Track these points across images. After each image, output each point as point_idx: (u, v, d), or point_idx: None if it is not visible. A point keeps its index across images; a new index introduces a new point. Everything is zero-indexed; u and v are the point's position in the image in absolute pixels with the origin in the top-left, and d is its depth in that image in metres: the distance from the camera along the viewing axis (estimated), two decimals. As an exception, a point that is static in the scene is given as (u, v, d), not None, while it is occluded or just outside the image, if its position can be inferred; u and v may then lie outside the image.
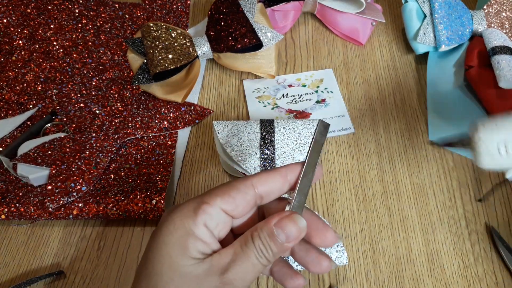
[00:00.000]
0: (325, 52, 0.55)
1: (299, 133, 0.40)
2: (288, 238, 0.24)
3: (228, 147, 0.39)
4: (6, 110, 0.47)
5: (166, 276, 0.23)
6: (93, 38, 0.54)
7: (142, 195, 0.40)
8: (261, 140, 0.39)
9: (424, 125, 0.47)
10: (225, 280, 0.23)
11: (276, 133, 0.40)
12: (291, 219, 0.25)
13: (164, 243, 0.24)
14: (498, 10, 0.51)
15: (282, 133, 0.40)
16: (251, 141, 0.39)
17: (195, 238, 0.24)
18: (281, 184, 0.26)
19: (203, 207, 0.24)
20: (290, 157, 0.39)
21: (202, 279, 0.23)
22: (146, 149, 0.45)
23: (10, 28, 0.53)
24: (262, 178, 0.26)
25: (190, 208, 0.25)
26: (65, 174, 0.40)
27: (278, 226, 0.24)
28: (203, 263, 0.24)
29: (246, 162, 0.38)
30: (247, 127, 0.40)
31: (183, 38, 0.48)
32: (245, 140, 0.39)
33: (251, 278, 0.24)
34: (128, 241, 0.39)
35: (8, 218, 0.39)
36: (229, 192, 0.25)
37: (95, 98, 0.48)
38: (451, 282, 0.37)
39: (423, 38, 0.50)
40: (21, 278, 0.37)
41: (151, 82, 0.47)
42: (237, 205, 0.25)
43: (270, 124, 0.40)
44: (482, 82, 0.47)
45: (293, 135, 0.40)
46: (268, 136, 0.39)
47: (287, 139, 0.40)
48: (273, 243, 0.24)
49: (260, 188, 0.26)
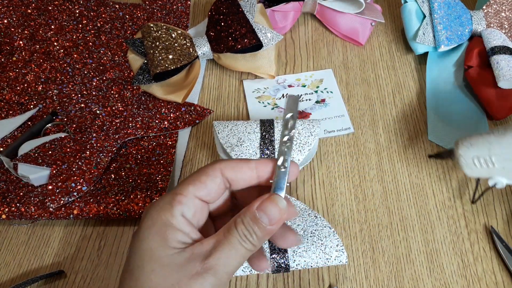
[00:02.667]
0: (324, 53, 0.55)
1: (299, 133, 0.40)
2: (271, 220, 0.25)
3: (228, 147, 0.39)
4: (7, 110, 0.47)
5: (148, 268, 0.23)
6: (94, 39, 0.54)
7: (143, 195, 0.40)
8: (261, 140, 0.39)
9: (424, 125, 0.48)
10: (206, 265, 0.23)
11: (276, 133, 0.40)
12: (272, 200, 0.25)
13: (144, 238, 0.24)
14: (497, 10, 0.51)
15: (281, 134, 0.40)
16: (251, 141, 0.39)
17: (173, 229, 0.24)
18: (249, 175, 0.27)
19: (177, 198, 0.25)
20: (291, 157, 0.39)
21: (183, 266, 0.23)
22: (146, 149, 0.45)
23: (10, 29, 0.54)
24: (229, 165, 0.26)
25: (165, 201, 0.25)
26: (65, 174, 0.40)
27: (260, 209, 0.25)
28: (184, 251, 0.24)
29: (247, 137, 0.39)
30: (247, 127, 0.40)
31: (183, 38, 0.48)
32: (245, 140, 0.39)
33: (235, 264, 0.24)
34: (128, 241, 0.39)
35: (8, 218, 0.39)
36: (199, 178, 0.26)
37: (96, 98, 0.48)
38: (451, 282, 0.37)
39: (423, 38, 0.50)
40: (22, 277, 0.38)
41: (152, 82, 0.47)
42: (209, 190, 0.26)
43: (270, 124, 0.40)
44: (482, 82, 0.47)
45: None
46: (268, 136, 0.39)
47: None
48: (256, 226, 0.25)
49: (227, 173, 0.26)
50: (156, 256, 0.24)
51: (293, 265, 0.35)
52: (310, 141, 0.40)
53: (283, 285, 0.37)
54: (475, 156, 0.36)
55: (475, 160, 0.36)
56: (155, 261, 0.24)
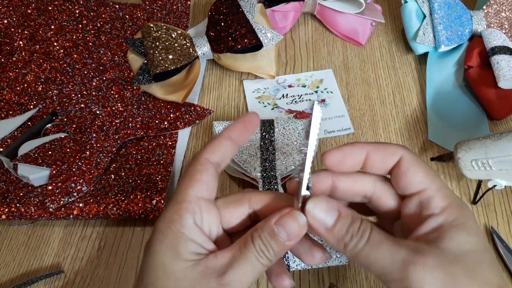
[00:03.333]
0: (324, 53, 0.55)
1: (299, 133, 0.40)
2: (290, 236, 0.24)
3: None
4: (7, 110, 0.47)
5: (161, 284, 0.23)
6: (94, 39, 0.54)
7: (143, 195, 0.40)
8: (261, 140, 0.39)
9: (424, 125, 0.47)
10: (222, 282, 0.23)
11: (276, 133, 0.39)
12: (292, 215, 0.24)
13: (156, 252, 0.23)
14: (498, 10, 0.51)
15: (282, 134, 0.39)
16: (251, 142, 0.39)
17: (185, 240, 0.23)
18: (230, 147, 0.26)
19: (183, 206, 0.24)
20: (291, 157, 0.39)
21: (197, 281, 0.23)
22: (146, 149, 0.45)
23: (10, 29, 0.54)
24: (210, 147, 0.26)
25: (172, 212, 0.24)
26: (65, 175, 0.40)
27: (279, 224, 0.24)
28: (198, 265, 0.23)
29: (246, 163, 0.38)
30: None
31: (183, 38, 0.48)
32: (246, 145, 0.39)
33: (251, 280, 0.24)
34: (128, 241, 0.39)
35: (8, 218, 0.39)
36: (194, 177, 0.25)
37: (96, 98, 0.48)
38: (451, 282, 0.37)
39: (423, 38, 0.50)
40: (22, 278, 0.37)
41: (151, 82, 0.47)
42: (207, 184, 0.25)
43: (270, 124, 0.40)
44: (482, 82, 0.47)
45: (293, 135, 0.39)
46: (268, 136, 0.39)
47: (287, 140, 0.39)
48: (274, 241, 0.24)
49: (212, 157, 0.26)
50: (169, 271, 0.23)
51: (293, 266, 0.35)
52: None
53: (283, 286, 0.37)
54: (473, 159, 0.37)
55: (473, 163, 0.37)
56: (169, 277, 0.23)
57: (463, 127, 0.47)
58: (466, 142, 0.38)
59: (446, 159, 0.41)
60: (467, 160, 0.37)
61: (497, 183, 0.37)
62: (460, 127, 0.47)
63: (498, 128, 0.48)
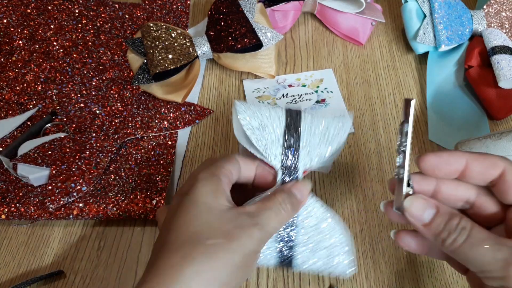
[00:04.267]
0: (325, 52, 0.55)
1: (328, 127, 0.36)
2: (302, 196, 0.30)
3: (248, 129, 0.35)
4: (6, 110, 0.47)
5: (205, 219, 0.27)
6: (93, 38, 0.54)
7: (143, 195, 0.40)
8: (286, 126, 0.35)
9: (424, 124, 0.47)
10: (254, 221, 0.27)
11: (303, 121, 0.35)
12: (303, 182, 0.31)
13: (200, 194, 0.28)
14: (498, 10, 0.51)
15: (309, 123, 0.36)
16: (274, 127, 0.36)
17: (224, 189, 0.29)
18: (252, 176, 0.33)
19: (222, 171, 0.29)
20: (317, 149, 0.35)
21: (234, 220, 0.27)
22: (146, 149, 0.45)
23: (10, 28, 0.53)
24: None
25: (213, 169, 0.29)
26: (65, 174, 0.40)
27: (296, 189, 0.30)
28: (232, 209, 0.28)
29: (266, 148, 0.34)
30: (272, 112, 0.36)
31: (183, 38, 0.48)
32: (268, 125, 0.35)
33: (275, 226, 0.29)
34: (128, 241, 0.39)
35: (8, 218, 0.39)
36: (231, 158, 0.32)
37: (95, 98, 0.48)
38: (451, 282, 0.37)
39: (423, 38, 0.50)
40: (21, 278, 0.37)
41: (151, 82, 0.47)
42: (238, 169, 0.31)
43: (297, 113, 0.36)
44: (482, 82, 0.47)
45: (320, 128, 0.36)
46: (293, 123, 0.36)
47: (315, 129, 0.35)
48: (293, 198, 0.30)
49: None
50: (212, 208, 0.27)
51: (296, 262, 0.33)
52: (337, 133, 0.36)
53: (283, 286, 0.37)
54: None
55: None
56: (211, 213, 0.27)
57: (463, 126, 0.47)
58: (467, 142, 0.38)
59: None
60: None
61: None
62: (460, 127, 0.47)
63: (498, 128, 0.48)
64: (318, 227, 0.34)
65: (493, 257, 0.23)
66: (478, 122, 0.47)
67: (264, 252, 0.32)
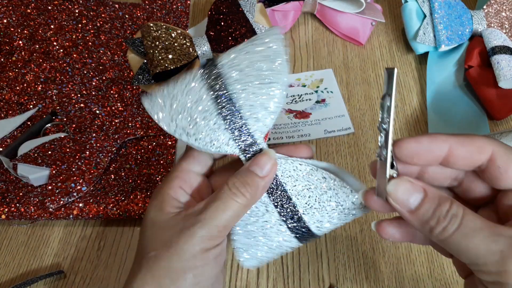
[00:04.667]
0: (325, 52, 0.55)
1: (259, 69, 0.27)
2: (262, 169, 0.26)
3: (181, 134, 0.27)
4: (6, 110, 0.47)
5: (148, 233, 0.27)
6: (93, 38, 0.54)
7: (143, 195, 0.40)
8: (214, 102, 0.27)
9: (424, 125, 0.47)
10: (199, 218, 0.25)
11: (230, 85, 0.27)
12: (262, 153, 0.27)
13: (147, 212, 0.28)
14: (498, 10, 0.51)
15: (238, 82, 0.27)
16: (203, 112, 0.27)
17: (169, 198, 0.27)
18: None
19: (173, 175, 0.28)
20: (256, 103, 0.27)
21: (176, 225, 0.26)
22: (146, 149, 0.45)
23: (10, 29, 0.53)
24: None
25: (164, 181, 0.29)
26: (65, 174, 0.40)
27: (254, 163, 0.26)
28: (178, 215, 0.27)
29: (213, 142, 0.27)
30: (190, 94, 0.27)
31: (183, 38, 0.48)
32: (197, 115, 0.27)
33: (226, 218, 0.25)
34: (128, 241, 0.39)
35: (8, 218, 0.39)
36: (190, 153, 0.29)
37: (95, 98, 0.48)
38: (451, 282, 0.37)
39: (423, 38, 0.50)
40: (21, 278, 0.37)
41: (151, 82, 0.47)
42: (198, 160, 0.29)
43: (216, 75, 0.27)
44: (482, 82, 0.47)
45: (253, 75, 0.27)
46: (221, 95, 0.27)
47: (249, 86, 0.27)
48: (248, 177, 0.26)
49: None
50: (155, 222, 0.27)
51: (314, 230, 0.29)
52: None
53: (283, 285, 0.37)
54: None
55: None
56: (153, 226, 0.27)
57: (463, 126, 0.47)
58: None
59: None
60: None
61: None
62: (460, 127, 0.47)
63: (498, 128, 0.48)
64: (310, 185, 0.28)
65: (488, 249, 0.20)
66: (478, 122, 0.47)
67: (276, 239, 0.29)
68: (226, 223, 0.26)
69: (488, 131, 0.47)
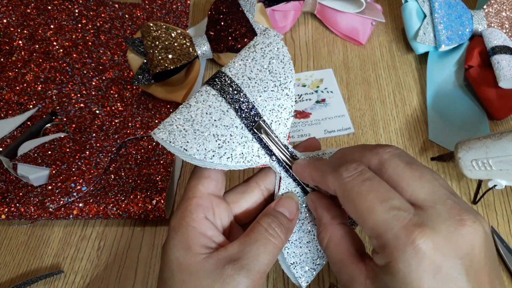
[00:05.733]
0: (325, 52, 0.54)
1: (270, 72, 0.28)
2: (291, 213, 0.26)
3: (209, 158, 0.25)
4: (6, 110, 0.47)
5: (178, 278, 0.23)
6: (93, 38, 0.54)
7: (143, 195, 0.40)
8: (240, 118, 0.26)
9: (424, 125, 0.47)
10: (237, 266, 0.23)
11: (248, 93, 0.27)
12: (287, 196, 0.27)
13: (170, 249, 0.24)
14: (498, 10, 0.51)
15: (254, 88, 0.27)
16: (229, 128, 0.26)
17: (196, 234, 0.24)
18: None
19: (193, 202, 0.25)
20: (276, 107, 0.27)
21: (213, 272, 0.23)
22: (146, 149, 0.45)
23: (10, 28, 0.53)
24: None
25: (183, 209, 0.25)
26: (65, 174, 0.40)
27: (281, 205, 0.26)
28: (210, 257, 0.23)
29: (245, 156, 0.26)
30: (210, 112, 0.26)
31: (183, 38, 0.48)
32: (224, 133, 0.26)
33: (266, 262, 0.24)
34: (128, 241, 0.39)
35: (8, 218, 0.39)
36: (201, 173, 0.26)
37: (95, 98, 0.48)
38: None
39: (423, 38, 0.50)
40: (21, 278, 0.37)
41: (151, 82, 0.47)
42: (215, 180, 0.26)
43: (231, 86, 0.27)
44: (482, 82, 0.47)
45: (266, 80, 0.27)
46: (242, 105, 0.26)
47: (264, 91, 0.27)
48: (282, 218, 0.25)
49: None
50: (183, 265, 0.23)
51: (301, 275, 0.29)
52: None
53: (283, 286, 0.37)
54: (474, 159, 0.37)
55: (473, 163, 0.37)
56: (183, 271, 0.23)
57: (463, 126, 0.47)
58: (467, 142, 0.38)
59: (446, 159, 0.41)
60: (467, 160, 0.37)
61: (497, 183, 0.37)
62: (460, 127, 0.47)
63: (499, 128, 0.48)
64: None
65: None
66: (478, 122, 0.47)
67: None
68: (266, 267, 0.24)
69: (488, 131, 0.47)
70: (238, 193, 0.28)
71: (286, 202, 0.26)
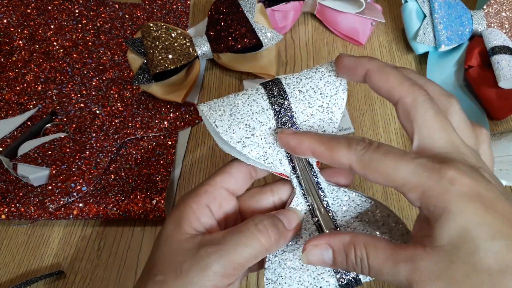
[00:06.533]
0: (325, 52, 0.55)
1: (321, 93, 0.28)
2: (290, 223, 0.26)
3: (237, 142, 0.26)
4: (6, 110, 0.47)
5: (160, 250, 0.25)
6: (93, 38, 0.54)
7: (143, 195, 0.40)
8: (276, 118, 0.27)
9: (424, 125, 0.47)
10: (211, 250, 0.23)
11: (293, 103, 0.27)
12: (292, 209, 0.27)
13: (166, 223, 0.26)
14: (498, 10, 0.51)
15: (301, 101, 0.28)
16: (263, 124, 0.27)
17: (191, 215, 0.25)
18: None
19: (204, 189, 0.26)
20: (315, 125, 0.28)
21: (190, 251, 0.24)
22: (146, 149, 0.45)
23: (10, 29, 0.53)
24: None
25: (194, 191, 0.26)
26: (65, 174, 0.40)
27: (283, 214, 0.26)
28: (193, 238, 0.24)
29: (267, 156, 0.27)
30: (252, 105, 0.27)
31: (183, 38, 0.48)
32: (256, 126, 0.27)
33: (245, 256, 0.24)
34: (128, 241, 0.39)
35: (8, 218, 0.39)
36: (226, 169, 0.27)
37: (95, 98, 0.48)
38: None
39: (423, 38, 0.50)
40: (21, 278, 0.37)
41: (151, 82, 0.47)
42: (235, 178, 0.27)
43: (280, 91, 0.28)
44: (482, 82, 0.47)
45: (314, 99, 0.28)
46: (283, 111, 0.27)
47: (309, 107, 0.27)
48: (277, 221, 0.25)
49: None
50: (169, 239, 0.25)
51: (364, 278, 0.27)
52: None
53: None
54: None
55: None
56: (167, 245, 0.24)
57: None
58: None
59: None
60: None
61: None
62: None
63: (498, 128, 0.48)
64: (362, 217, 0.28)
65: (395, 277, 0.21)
66: (478, 122, 0.47)
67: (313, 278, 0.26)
68: (243, 261, 0.23)
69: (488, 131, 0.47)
70: (250, 194, 0.28)
71: (288, 213, 0.26)
